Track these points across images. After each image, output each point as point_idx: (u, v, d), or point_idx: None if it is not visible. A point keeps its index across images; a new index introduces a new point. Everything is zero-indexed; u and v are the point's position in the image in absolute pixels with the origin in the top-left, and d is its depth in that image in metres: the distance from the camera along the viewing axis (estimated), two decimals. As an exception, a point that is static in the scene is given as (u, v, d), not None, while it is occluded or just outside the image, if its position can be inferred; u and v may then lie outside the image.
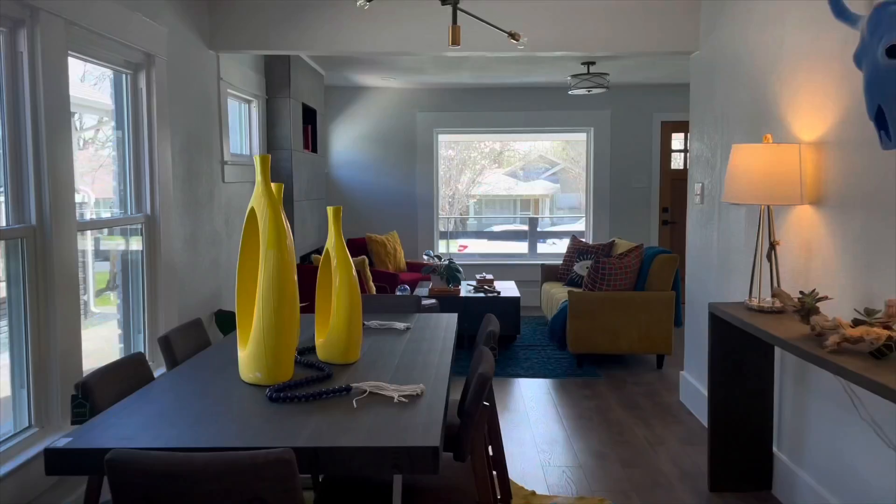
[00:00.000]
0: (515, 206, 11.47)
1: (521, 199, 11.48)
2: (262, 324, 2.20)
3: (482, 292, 6.00)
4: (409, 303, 3.60)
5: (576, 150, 10.37)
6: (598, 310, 5.21)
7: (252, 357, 2.24)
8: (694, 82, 4.34)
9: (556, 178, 10.85)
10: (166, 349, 2.64)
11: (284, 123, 5.53)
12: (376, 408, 2.02)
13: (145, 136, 3.59)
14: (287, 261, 2.22)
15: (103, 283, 3.75)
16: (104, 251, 3.66)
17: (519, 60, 6.04)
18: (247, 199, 5.09)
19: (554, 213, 10.59)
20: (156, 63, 3.59)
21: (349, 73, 6.92)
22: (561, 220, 10.49)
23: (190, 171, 4.08)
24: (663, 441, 3.84)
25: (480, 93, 7.83)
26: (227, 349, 2.71)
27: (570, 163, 10.66)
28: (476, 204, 10.44)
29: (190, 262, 4.08)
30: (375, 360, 2.55)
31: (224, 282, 4.61)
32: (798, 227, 2.98)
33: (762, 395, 3.17)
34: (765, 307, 2.90)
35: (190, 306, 4.09)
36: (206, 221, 4.31)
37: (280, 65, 5.49)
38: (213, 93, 4.45)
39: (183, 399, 2.10)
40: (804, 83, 2.94)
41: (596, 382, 4.98)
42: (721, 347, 3.15)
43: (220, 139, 4.54)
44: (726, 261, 3.78)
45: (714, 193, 3.99)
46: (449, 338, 2.92)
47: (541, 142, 9.66)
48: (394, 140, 7.90)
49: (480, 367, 2.19)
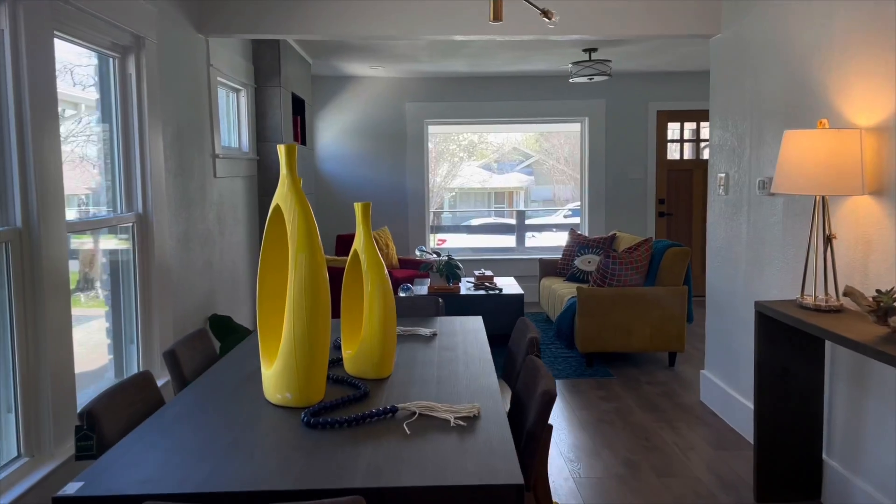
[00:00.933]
0: (490, 198, 11.26)
1: (496, 191, 11.28)
2: (293, 338, 1.93)
3: (483, 289, 5.76)
4: (427, 304, 3.34)
5: (549, 143, 10.17)
6: (608, 307, 5.00)
7: (281, 375, 1.96)
8: (715, 68, 4.14)
9: (531, 171, 10.66)
10: (173, 365, 2.35)
11: (275, 114, 5.21)
12: (431, 433, 1.77)
13: (135, 126, 3.27)
14: (320, 264, 1.95)
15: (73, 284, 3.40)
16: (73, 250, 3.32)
17: (519, 46, 5.79)
18: (239, 195, 4.78)
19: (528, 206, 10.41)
20: (146, 46, 3.27)
21: (336, 62, 6.61)
22: (536, 213, 10.30)
23: (181, 166, 3.77)
24: (693, 446, 3.64)
25: (472, 82, 7.57)
26: (239, 363, 2.43)
27: (543, 155, 10.47)
28: (452, 197, 10.19)
29: (183, 264, 3.77)
30: (411, 374, 2.29)
31: (218, 284, 4.30)
32: (855, 219, 2.78)
33: (811, 398, 2.98)
34: (822, 306, 2.70)
35: (184, 312, 3.78)
36: (198, 220, 4.00)
37: (269, 52, 5.17)
38: (203, 80, 4.13)
39: (205, 427, 1.82)
40: (859, 62, 2.74)
41: (609, 383, 4.77)
42: (769, 349, 2.95)
43: (211, 131, 4.22)
44: (759, 255, 3.59)
45: (742, 184, 3.79)
46: (482, 344, 2.67)
47: (514, 133, 9.41)
48: (382, 132, 7.60)
49: (541, 382, 1.95)
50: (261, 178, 5.24)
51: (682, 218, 7.69)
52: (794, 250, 3.24)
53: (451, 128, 7.95)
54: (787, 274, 3.30)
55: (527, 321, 2.72)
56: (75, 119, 3.38)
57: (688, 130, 7.69)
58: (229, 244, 4.55)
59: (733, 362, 3.90)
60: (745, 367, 3.75)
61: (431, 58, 6.32)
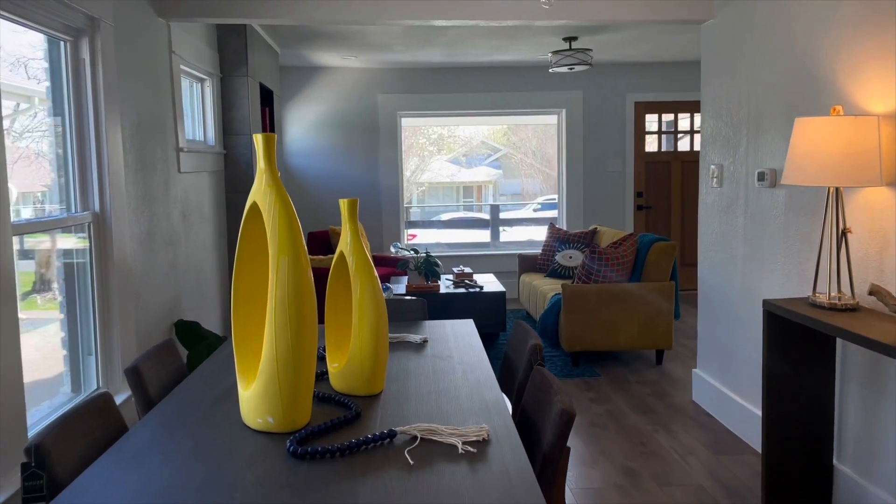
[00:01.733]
0: (459, 193, 11.07)
1: (465, 185, 11.10)
2: (274, 354, 1.69)
3: (463, 287, 5.55)
4: (413, 308, 3.11)
5: (518, 136, 10.01)
6: (594, 304, 4.83)
7: (261, 397, 1.72)
8: (707, 54, 3.97)
9: (499, 165, 10.50)
10: (137, 384, 2.10)
11: (242, 105, 4.92)
12: (438, 463, 1.55)
13: (90, 117, 2.98)
14: (305, 269, 1.72)
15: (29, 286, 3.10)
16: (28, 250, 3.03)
17: (498, 34, 5.58)
18: (205, 191, 4.49)
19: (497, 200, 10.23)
20: (101, 28, 2.98)
21: (306, 52, 6.32)
22: (506, 207, 10.13)
23: (142, 160, 3.48)
24: (692, 451, 3.48)
25: (447, 73, 7.34)
26: (212, 379, 2.18)
27: (512, 148, 10.31)
28: (421, 192, 9.96)
29: (146, 267, 3.49)
30: (405, 388, 2.07)
31: (184, 287, 4.02)
32: (870, 212, 2.62)
33: (821, 401, 2.82)
34: (837, 304, 2.54)
35: (148, 318, 3.50)
36: (161, 218, 3.71)
37: (235, 39, 4.88)
38: (165, 68, 3.83)
39: (175, 459, 1.58)
40: (872, 44, 2.58)
41: (597, 383, 4.60)
42: (778, 350, 2.78)
43: (174, 122, 3.93)
44: (758, 250, 3.43)
45: (738, 175, 3.64)
46: (479, 351, 2.45)
47: (482, 127, 9.20)
48: (354, 125, 7.33)
49: (556, 399, 1.74)
50: (228, 174, 4.95)
51: (661, 211, 7.57)
52: (798, 245, 3.08)
53: (420, 121, 7.71)
54: (791, 270, 3.14)
55: (525, 325, 2.51)
56: (30, 113, 3.07)
57: (665, 122, 7.56)
58: (196, 244, 4.26)
59: (728, 361, 3.75)
60: (742, 365, 3.60)
61: (406, 47, 6.07)
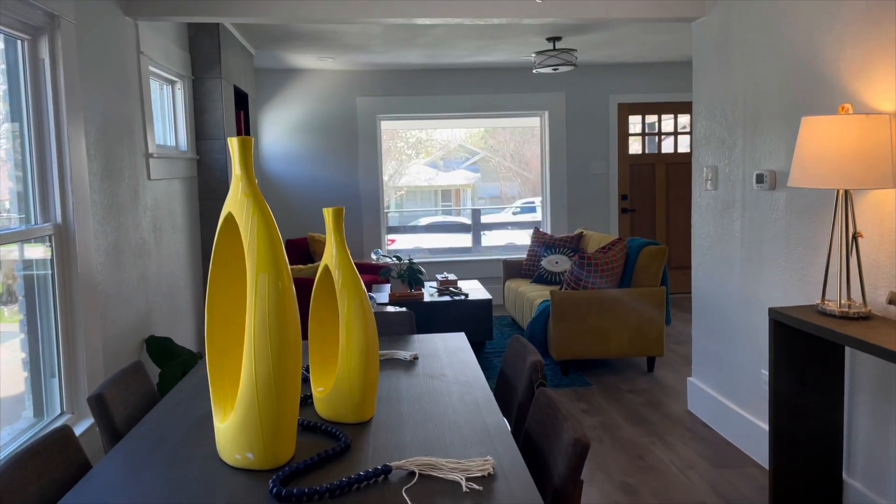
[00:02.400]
0: (437, 197, 10.93)
1: (443, 189, 10.96)
2: (254, 383, 1.51)
3: (447, 295, 5.38)
4: (400, 321, 2.94)
5: (495, 139, 9.90)
6: (584, 311, 4.69)
7: (240, 430, 1.54)
8: (699, 53, 3.85)
9: (477, 168, 10.39)
10: (102, 413, 1.90)
11: (216, 108, 4.72)
12: (439, 503, 1.38)
13: (51, 121, 2.78)
14: (287, 287, 1.54)
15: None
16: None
17: (481, 35, 5.43)
18: (176, 198, 4.28)
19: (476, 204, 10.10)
20: (62, 27, 2.77)
21: (281, 53, 6.12)
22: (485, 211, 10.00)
23: (108, 167, 3.27)
24: (692, 464, 3.34)
25: (428, 75, 7.18)
26: (185, 405, 1.99)
27: (490, 152, 10.20)
28: (399, 196, 9.79)
29: (113, 280, 3.28)
30: (397, 413, 1.90)
31: (155, 301, 3.81)
32: (880, 215, 2.50)
33: (830, 412, 2.70)
34: (849, 313, 2.41)
35: (116, 336, 3.28)
36: (130, 228, 3.51)
37: (208, 39, 4.67)
38: (133, 69, 3.63)
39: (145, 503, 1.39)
40: (882, 39, 2.46)
41: (589, 393, 4.46)
42: (785, 360, 2.65)
43: (143, 127, 3.72)
44: (756, 255, 3.31)
45: (734, 177, 3.51)
46: (474, 369, 2.29)
47: (459, 130, 9.05)
48: (332, 128, 7.14)
49: (566, 426, 1.58)
50: (201, 180, 4.74)
51: (645, 214, 7.47)
52: (801, 250, 2.96)
53: (398, 124, 7.54)
54: (792, 276, 3.02)
55: (523, 340, 2.35)
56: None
57: (648, 123, 7.47)
58: (167, 254, 4.05)
59: (725, 369, 3.62)
60: (740, 374, 3.47)
61: (386, 47, 5.90)
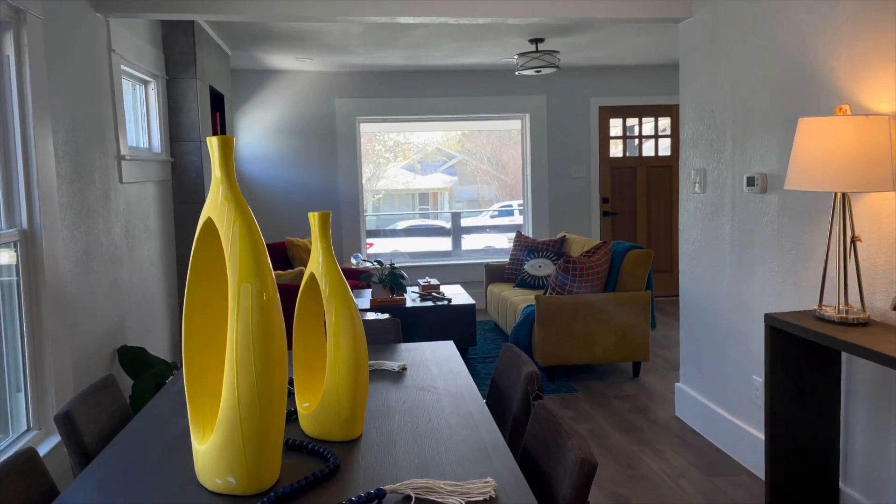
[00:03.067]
0: (415, 200, 10.85)
1: (420, 192, 10.88)
2: (236, 401, 1.40)
3: (430, 300, 5.28)
4: (387, 329, 2.83)
5: (472, 143, 9.85)
6: (570, 316, 4.61)
7: (221, 453, 1.43)
8: (686, 54, 3.80)
9: (454, 171, 10.33)
10: (70, 433, 1.77)
11: (191, 109, 4.57)
12: (440, 530, 1.28)
13: (15, 121, 2.63)
14: (272, 298, 1.43)
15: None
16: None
17: (464, 36, 5.35)
18: (150, 202, 4.13)
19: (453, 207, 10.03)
20: (28, 22, 2.63)
21: (258, 54, 5.99)
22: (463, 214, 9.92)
23: (78, 170, 3.13)
24: (683, 473, 3.27)
25: (408, 77, 7.08)
26: (161, 422, 1.87)
27: (467, 155, 10.14)
28: (377, 200, 9.68)
29: (83, 288, 3.13)
30: (388, 429, 1.79)
31: (127, 309, 3.66)
32: (878, 219, 2.45)
33: (826, 420, 2.64)
34: (848, 319, 2.36)
35: (87, 346, 3.14)
36: (101, 233, 3.36)
37: (183, 38, 4.53)
38: (104, 68, 3.48)
39: (115, 541, 1.27)
40: (878, 39, 2.41)
41: (575, 399, 4.38)
42: (782, 368, 2.59)
43: (114, 128, 3.57)
44: (747, 259, 3.25)
45: (723, 180, 3.46)
46: (465, 380, 2.19)
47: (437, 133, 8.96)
48: (311, 130, 7.01)
49: (570, 444, 1.49)
50: (176, 183, 4.59)
51: (626, 217, 7.43)
52: (794, 254, 2.91)
53: (375, 127, 7.43)
54: (785, 280, 2.97)
55: (516, 350, 2.26)
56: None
57: (629, 126, 7.44)
58: (140, 261, 3.90)
59: (715, 375, 3.57)
60: (731, 381, 3.41)
61: (365, 48, 5.79)
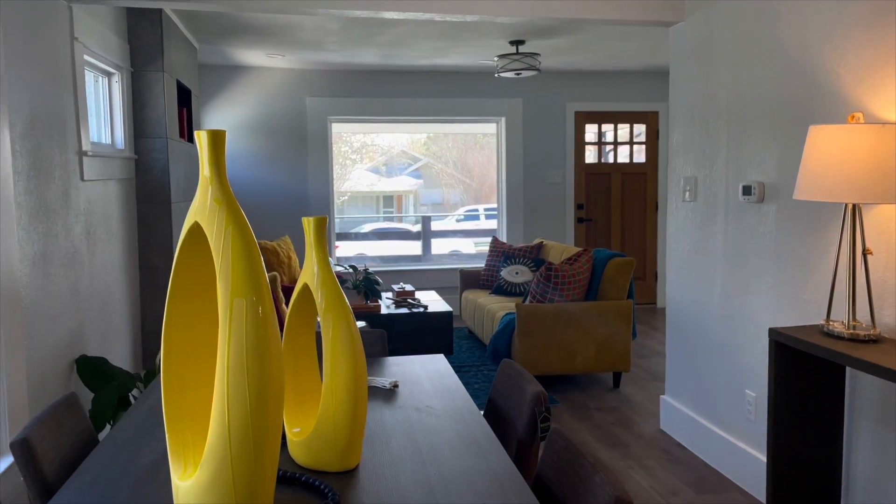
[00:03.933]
0: (379, 202, 10.70)
1: (385, 195, 10.74)
2: (226, 433, 1.22)
3: (405, 307, 5.12)
4: (371, 341, 2.66)
5: (438, 146, 9.76)
6: (550, 325, 4.49)
7: (208, 490, 1.25)
8: (677, 59, 3.71)
9: (419, 174, 10.23)
10: (27, 462, 1.57)
11: (157, 104, 4.33)
12: (463, 583, 1.12)
13: (-32, 110, 2.40)
14: (268, 314, 1.26)
15: None
16: None
17: (443, 35, 5.20)
18: (112, 202, 3.88)
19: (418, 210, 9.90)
20: (-18, 1, 2.40)
21: (227, 48, 5.75)
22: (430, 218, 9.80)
23: (36, 166, 2.89)
24: (674, 490, 3.17)
25: (382, 77, 6.91)
26: (131, 446, 1.67)
27: (432, 158, 10.04)
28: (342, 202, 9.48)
29: (40, 294, 2.89)
30: (388, 458, 1.63)
31: (87, 316, 3.41)
32: (889, 231, 2.37)
33: (830, 439, 2.56)
34: (859, 335, 2.27)
35: (42, 357, 2.89)
36: (60, 234, 3.12)
37: (150, 29, 4.29)
38: (66, 57, 3.24)
39: None
40: (891, 45, 2.33)
41: (557, 411, 4.26)
42: (786, 384, 2.50)
43: (76, 121, 3.33)
44: (741, 270, 3.16)
45: (716, 189, 3.37)
46: (463, 398, 2.04)
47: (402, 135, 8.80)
48: (280, 129, 6.79)
49: (599, 480, 1.34)
50: (139, 182, 4.35)
51: (601, 224, 7.36)
52: (793, 266, 2.82)
53: (343, 127, 7.24)
54: (784, 294, 2.88)
55: (516, 367, 2.11)
56: None
57: (605, 132, 7.37)
58: (102, 264, 3.66)
59: (705, 389, 3.47)
60: (722, 395, 3.32)
61: (341, 45, 5.60)
